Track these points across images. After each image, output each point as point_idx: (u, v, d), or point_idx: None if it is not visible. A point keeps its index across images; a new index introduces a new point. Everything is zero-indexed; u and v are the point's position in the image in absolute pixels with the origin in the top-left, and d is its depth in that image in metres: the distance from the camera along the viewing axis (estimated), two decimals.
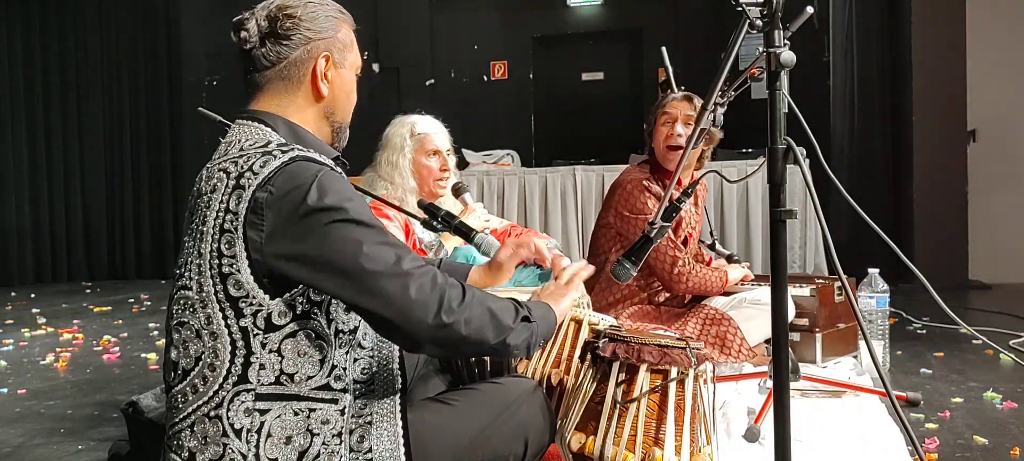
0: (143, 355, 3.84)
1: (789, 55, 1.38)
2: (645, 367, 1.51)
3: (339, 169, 1.35)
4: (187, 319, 1.29)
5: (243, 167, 1.27)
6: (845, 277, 1.45)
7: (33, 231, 7.62)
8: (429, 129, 2.78)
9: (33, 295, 6.49)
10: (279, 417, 1.26)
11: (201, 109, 2.04)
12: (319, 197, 1.23)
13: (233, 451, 1.25)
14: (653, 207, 2.81)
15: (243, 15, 1.39)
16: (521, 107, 7.56)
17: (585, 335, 1.71)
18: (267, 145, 1.31)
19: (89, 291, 6.78)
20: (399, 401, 1.34)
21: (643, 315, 2.92)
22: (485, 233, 2.07)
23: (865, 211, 1.46)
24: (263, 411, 1.26)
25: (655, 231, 1.80)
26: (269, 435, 1.26)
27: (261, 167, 1.26)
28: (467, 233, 2.02)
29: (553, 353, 1.71)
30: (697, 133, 1.70)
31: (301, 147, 1.32)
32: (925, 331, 3.86)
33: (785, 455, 1.38)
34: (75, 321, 4.95)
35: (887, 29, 6.02)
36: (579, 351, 1.68)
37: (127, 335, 4.42)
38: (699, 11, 6.92)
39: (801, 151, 1.39)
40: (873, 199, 5.78)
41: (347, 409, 1.30)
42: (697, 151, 2.87)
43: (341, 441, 1.28)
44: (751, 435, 2.21)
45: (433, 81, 7.52)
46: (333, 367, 1.30)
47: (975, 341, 3.50)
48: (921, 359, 3.26)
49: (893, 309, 3.71)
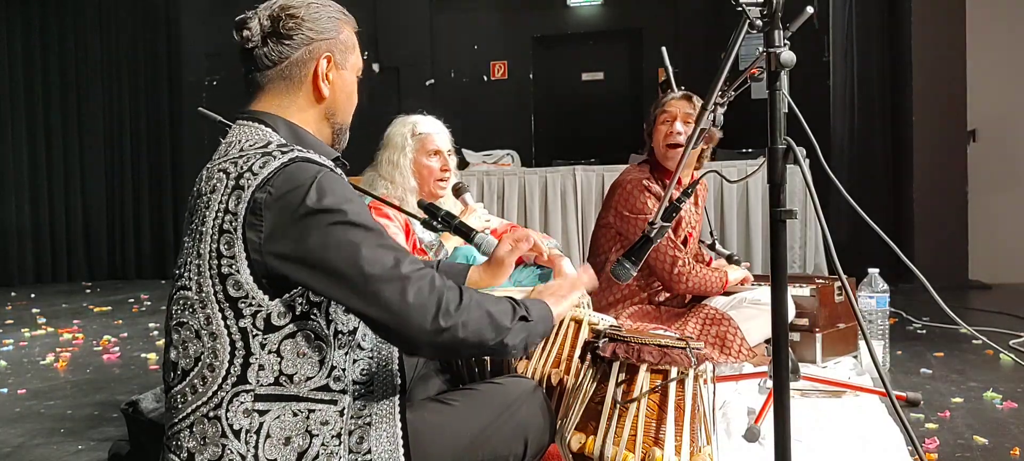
0: (143, 355, 3.84)
1: (789, 55, 1.38)
2: (645, 367, 1.51)
3: (339, 170, 1.35)
4: (186, 319, 1.29)
5: (243, 167, 1.27)
6: (845, 277, 1.45)
7: (33, 231, 7.62)
8: (430, 129, 2.78)
9: (33, 295, 6.49)
10: (278, 418, 1.26)
11: (201, 109, 2.04)
12: (318, 199, 1.23)
13: (232, 452, 1.25)
14: (653, 207, 2.81)
15: (246, 14, 1.39)
16: (521, 107, 7.56)
17: (585, 335, 1.71)
18: (267, 146, 1.31)
19: (89, 291, 6.78)
20: (398, 402, 1.34)
21: (643, 315, 2.92)
22: (485, 233, 2.07)
23: (865, 211, 1.46)
24: (262, 412, 1.26)
25: (655, 231, 1.80)
26: (268, 436, 1.26)
27: (261, 168, 1.26)
28: (467, 233, 2.02)
29: (553, 353, 1.71)
30: (697, 133, 1.70)
31: (301, 148, 1.32)
32: (925, 331, 3.86)
33: (785, 455, 1.38)
34: (75, 321, 4.95)
35: (887, 29, 6.02)
36: (579, 351, 1.68)
37: (127, 335, 4.42)
38: (699, 11, 6.92)
39: (801, 151, 1.39)
40: (873, 199, 5.78)
41: (346, 410, 1.30)
42: (697, 151, 2.87)
43: (340, 442, 1.28)
44: (751, 435, 2.21)
45: (433, 81, 7.52)
46: (332, 368, 1.30)
47: (975, 341, 3.49)
48: (921, 359, 3.26)
49: (893, 309, 3.71)
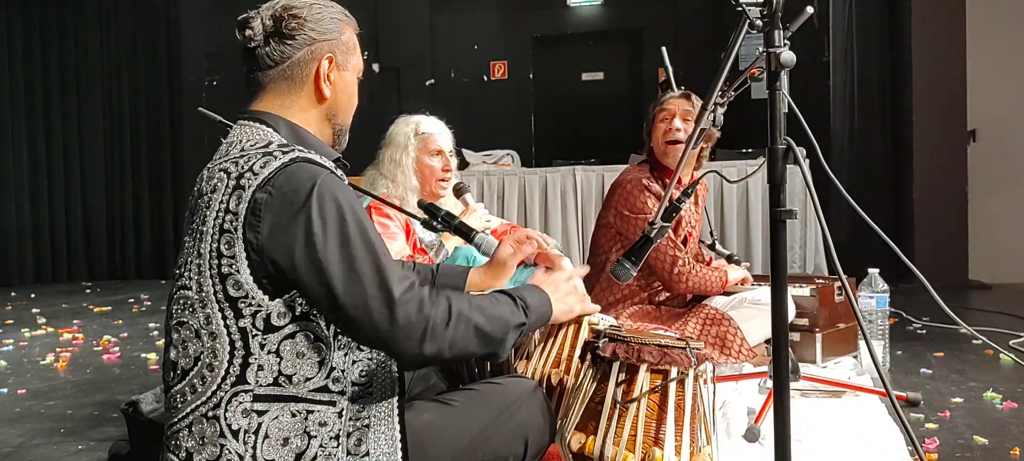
0: (143, 355, 3.84)
1: (789, 55, 1.38)
2: (645, 367, 1.50)
3: (340, 171, 1.35)
4: (186, 319, 1.29)
5: (243, 167, 1.27)
6: (845, 277, 1.45)
7: (33, 231, 7.62)
8: (433, 129, 2.79)
9: (33, 295, 6.49)
10: (276, 418, 1.26)
11: (201, 109, 2.04)
12: (318, 204, 1.23)
13: (230, 452, 1.25)
14: (653, 206, 2.81)
15: (248, 13, 1.39)
16: (521, 107, 7.56)
17: (585, 335, 1.70)
18: (268, 146, 1.31)
19: (89, 291, 6.78)
20: (397, 403, 1.34)
21: (643, 315, 2.92)
22: (485, 233, 2.08)
23: (865, 211, 1.46)
24: (261, 412, 1.26)
25: (655, 231, 1.80)
26: (266, 436, 1.25)
27: (261, 168, 1.26)
28: (467, 233, 2.02)
29: (553, 353, 1.71)
30: (697, 133, 1.69)
31: (302, 148, 1.32)
32: (925, 331, 3.86)
33: (785, 455, 1.38)
34: (75, 321, 4.95)
35: (887, 29, 6.02)
36: (579, 351, 1.68)
37: (127, 335, 4.42)
38: (699, 11, 6.92)
39: (801, 151, 1.39)
40: (873, 199, 5.78)
41: (345, 412, 1.30)
42: (696, 151, 2.87)
43: (338, 444, 1.28)
44: (751, 435, 2.21)
45: (433, 81, 7.52)
46: (331, 369, 1.30)
47: (975, 341, 3.49)
48: (921, 359, 3.26)
49: (893, 309, 3.71)
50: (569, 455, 1.55)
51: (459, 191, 2.83)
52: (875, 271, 3.03)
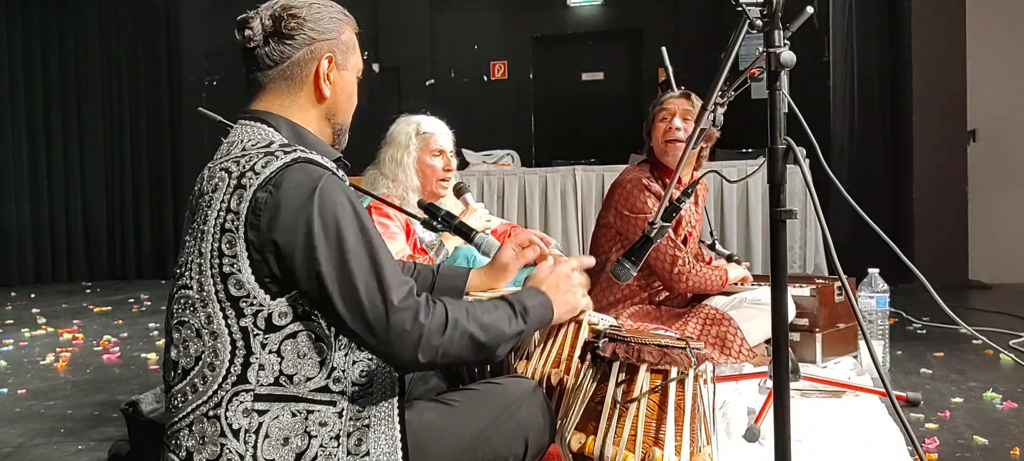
0: (143, 355, 3.84)
1: (789, 55, 1.38)
2: (645, 367, 1.50)
3: (341, 172, 1.35)
4: (187, 318, 1.29)
5: (245, 167, 1.27)
6: (845, 277, 1.45)
7: (33, 231, 7.62)
8: (435, 129, 2.80)
9: (33, 295, 6.49)
10: (277, 418, 1.26)
11: (201, 109, 2.04)
12: (319, 206, 1.23)
13: (231, 451, 1.25)
14: (653, 206, 2.81)
15: (247, 13, 1.39)
16: (521, 107, 7.56)
17: (585, 335, 1.70)
18: (269, 145, 1.31)
19: (89, 291, 6.78)
20: (397, 403, 1.34)
21: (643, 315, 2.92)
22: (485, 233, 2.08)
23: (865, 211, 1.46)
24: (261, 412, 1.26)
25: (655, 231, 1.80)
26: (267, 436, 1.26)
27: (263, 167, 1.26)
28: (467, 233, 2.02)
29: (553, 353, 1.71)
30: (697, 132, 1.69)
31: (303, 148, 1.32)
32: (925, 331, 3.86)
33: (785, 455, 1.38)
34: (75, 321, 4.95)
35: (887, 29, 6.02)
36: (579, 351, 1.68)
37: (127, 335, 4.42)
38: (699, 11, 6.92)
39: (801, 151, 1.39)
40: (873, 199, 5.78)
41: (345, 412, 1.30)
42: (696, 150, 2.88)
43: (338, 444, 1.28)
44: (751, 435, 2.21)
45: (433, 81, 7.52)
46: (332, 369, 1.30)
47: (975, 341, 3.49)
48: (921, 359, 3.26)
49: (893, 309, 3.71)
50: (569, 455, 1.55)
51: (459, 191, 2.83)
52: (875, 271, 3.03)
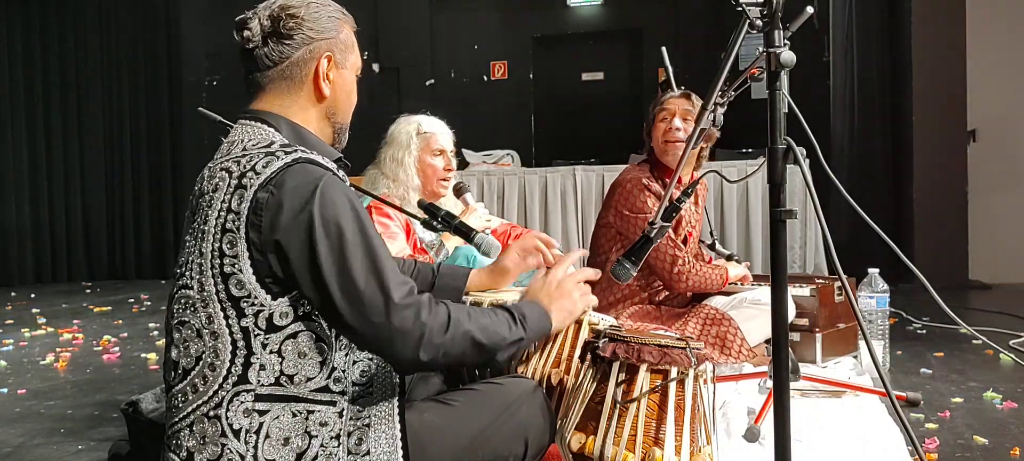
0: (143, 355, 3.84)
1: (789, 55, 1.38)
2: (645, 367, 1.50)
3: (342, 172, 1.35)
4: (188, 319, 1.29)
5: (246, 167, 1.27)
6: (845, 277, 1.45)
7: (33, 231, 7.62)
8: (435, 128, 2.81)
9: (33, 295, 6.49)
10: (277, 418, 1.26)
11: (201, 109, 2.04)
12: (320, 206, 1.23)
13: (231, 451, 1.25)
14: (653, 206, 2.81)
15: (246, 14, 1.39)
16: (521, 107, 7.56)
17: (585, 335, 1.70)
18: (270, 145, 1.31)
19: (89, 291, 6.78)
20: (397, 403, 1.34)
21: (643, 315, 2.92)
22: (485, 233, 2.08)
23: (865, 211, 1.46)
24: (262, 412, 1.26)
25: (655, 231, 1.80)
26: (267, 436, 1.26)
27: (264, 167, 1.26)
28: (467, 233, 2.03)
29: (553, 353, 1.71)
30: (697, 132, 1.69)
31: (304, 148, 1.32)
32: (925, 331, 3.86)
33: (785, 455, 1.38)
34: (75, 321, 4.95)
35: (887, 29, 6.02)
36: (579, 351, 1.68)
37: (127, 335, 4.42)
38: (699, 11, 6.92)
39: (801, 151, 1.39)
40: (873, 199, 5.78)
41: (345, 411, 1.30)
42: (696, 150, 2.88)
43: (339, 443, 1.28)
44: (751, 435, 2.21)
45: (433, 81, 7.52)
46: (333, 369, 1.30)
47: (975, 341, 3.49)
48: (921, 359, 3.26)
49: (893, 309, 3.71)
50: (569, 455, 1.55)
51: (459, 191, 2.84)
52: (875, 271, 3.03)
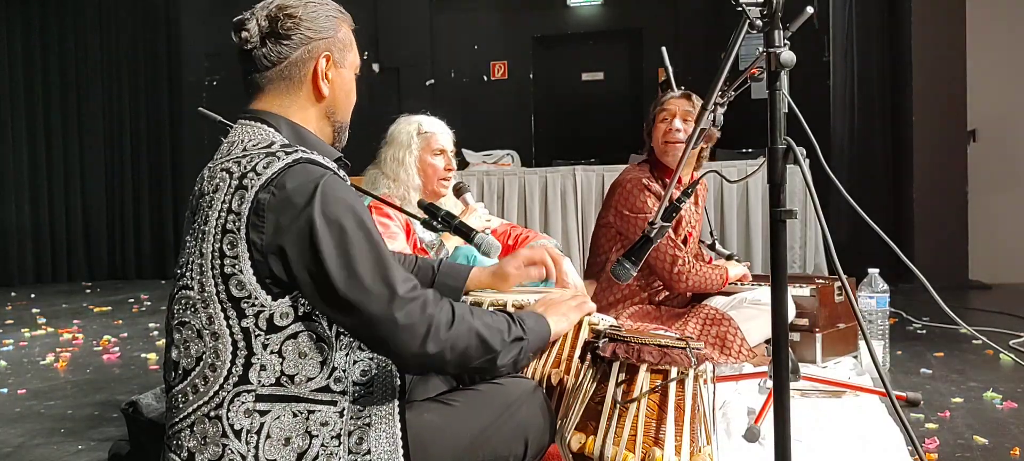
0: (143, 355, 3.84)
1: (789, 55, 1.38)
2: (645, 367, 1.50)
3: (342, 172, 1.35)
4: (188, 319, 1.29)
5: (246, 167, 1.27)
6: (845, 277, 1.45)
7: (33, 231, 7.62)
8: (436, 128, 2.81)
9: (33, 295, 6.49)
10: (278, 419, 1.26)
11: (201, 109, 2.04)
12: (322, 205, 1.23)
13: (232, 452, 1.25)
14: (653, 206, 2.81)
15: (243, 15, 1.39)
16: (521, 107, 7.56)
17: (585, 335, 1.70)
18: (270, 146, 1.31)
19: (89, 291, 6.78)
20: (398, 403, 1.34)
21: (643, 315, 2.92)
22: (485, 233, 2.08)
23: (865, 211, 1.46)
24: (263, 412, 1.26)
25: (655, 231, 1.80)
26: (268, 436, 1.26)
27: (265, 168, 1.26)
28: (467, 233, 2.03)
29: (553, 353, 1.71)
30: (697, 132, 1.70)
31: (305, 148, 1.32)
32: (925, 331, 3.86)
33: (785, 455, 1.38)
34: (75, 321, 4.95)
35: (887, 29, 6.02)
36: (579, 351, 1.68)
37: (127, 335, 4.42)
38: (699, 11, 6.92)
39: (801, 151, 1.39)
40: (873, 199, 5.78)
41: (346, 411, 1.30)
42: (696, 150, 2.88)
43: (340, 443, 1.28)
44: (751, 435, 2.21)
45: (433, 81, 7.52)
46: (333, 369, 1.30)
47: (975, 341, 3.49)
48: (921, 359, 3.26)
49: (893, 309, 3.71)
50: (569, 455, 1.55)
51: (459, 191, 2.84)
52: (875, 271, 3.03)
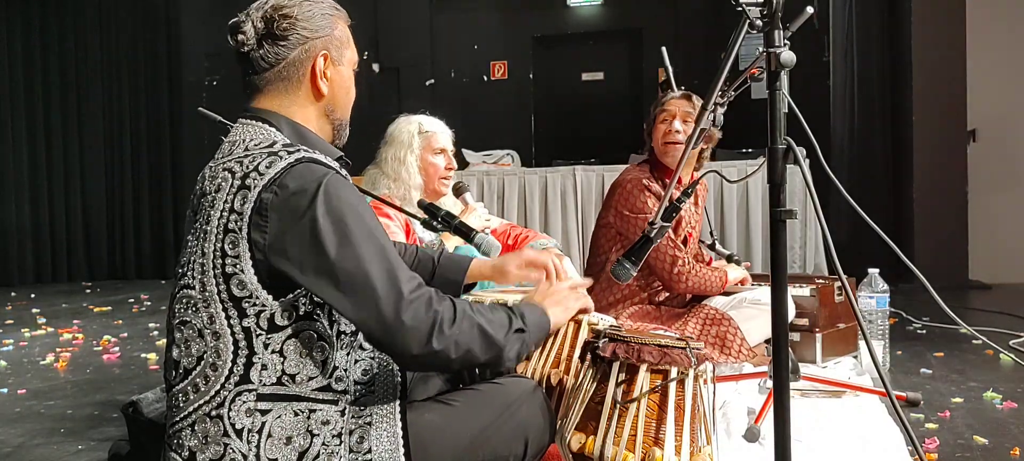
0: (143, 355, 3.84)
1: (789, 55, 1.38)
2: (645, 367, 1.50)
3: (344, 171, 1.35)
4: (189, 318, 1.29)
5: (248, 167, 1.27)
6: (845, 277, 1.45)
7: (33, 231, 7.62)
8: (436, 128, 2.82)
9: (33, 295, 6.49)
10: (279, 418, 1.26)
11: (201, 109, 2.04)
12: (325, 204, 1.23)
13: (234, 451, 1.25)
14: (653, 206, 2.81)
15: (238, 17, 1.39)
16: (521, 107, 7.56)
17: (585, 335, 1.70)
18: (272, 145, 1.31)
19: (89, 291, 6.78)
20: (399, 402, 1.34)
21: (643, 315, 2.92)
22: (485, 233, 2.08)
23: (865, 211, 1.46)
24: (264, 411, 1.26)
25: (655, 231, 1.80)
26: (269, 435, 1.26)
27: (267, 168, 1.26)
28: (467, 233, 2.03)
29: (553, 353, 1.71)
30: (697, 133, 1.70)
31: (306, 148, 1.32)
32: (925, 331, 3.86)
33: (785, 455, 1.38)
34: (75, 321, 4.95)
35: (887, 29, 6.02)
36: (579, 351, 1.68)
37: (127, 335, 4.42)
38: (699, 11, 6.92)
39: (801, 151, 1.39)
40: (873, 199, 5.78)
41: (347, 410, 1.30)
42: (696, 151, 2.88)
43: (341, 442, 1.28)
44: (751, 435, 2.21)
45: (433, 81, 7.52)
46: (334, 368, 1.30)
47: (975, 341, 3.49)
48: (921, 359, 3.26)
49: (893, 309, 3.71)
50: (569, 455, 1.55)
51: (459, 190, 2.84)
52: (875, 271, 3.03)
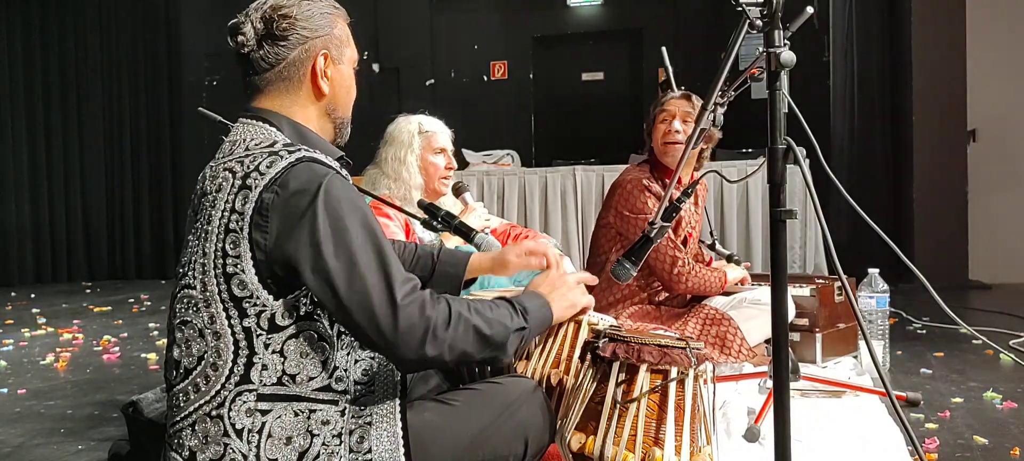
0: (143, 355, 3.84)
1: (789, 55, 1.38)
2: (645, 367, 1.50)
3: (344, 171, 1.35)
4: (190, 318, 1.29)
5: (249, 167, 1.27)
6: (845, 277, 1.45)
7: (33, 231, 7.62)
8: (436, 127, 2.82)
9: (33, 295, 6.49)
10: (280, 418, 1.26)
11: (201, 109, 2.04)
12: (325, 204, 1.23)
13: (234, 451, 1.25)
14: (653, 206, 2.81)
15: (237, 18, 1.39)
16: (521, 107, 7.56)
17: (585, 335, 1.70)
18: (273, 145, 1.31)
19: (89, 291, 6.78)
20: (399, 402, 1.34)
21: (643, 315, 2.92)
22: (485, 233, 2.08)
23: (865, 211, 1.46)
24: (264, 411, 1.26)
25: (655, 231, 1.80)
26: (270, 435, 1.26)
27: (268, 167, 1.26)
28: (467, 233, 2.03)
29: (553, 353, 1.71)
30: (697, 133, 1.70)
31: (307, 147, 1.32)
32: (925, 331, 3.86)
33: (785, 455, 1.38)
34: (75, 321, 4.95)
35: (887, 29, 6.02)
36: (579, 351, 1.68)
37: (127, 335, 4.42)
38: (699, 11, 6.92)
39: (801, 151, 1.39)
40: (873, 199, 5.78)
41: (347, 410, 1.30)
42: (696, 151, 2.88)
43: (341, 442, 1.28)
44: (751, 435, 2.21)
45: (433, 81, 7.52)
46: (335, 368, 1.30)
47: (975, 341, 3.50)
48: (921, 359, 3.26)
49: (893, 309, 3.71)
50: (569, 455, 1.55)
51: (458, 190, 2.84)
52: (875, 271, 3.04)
